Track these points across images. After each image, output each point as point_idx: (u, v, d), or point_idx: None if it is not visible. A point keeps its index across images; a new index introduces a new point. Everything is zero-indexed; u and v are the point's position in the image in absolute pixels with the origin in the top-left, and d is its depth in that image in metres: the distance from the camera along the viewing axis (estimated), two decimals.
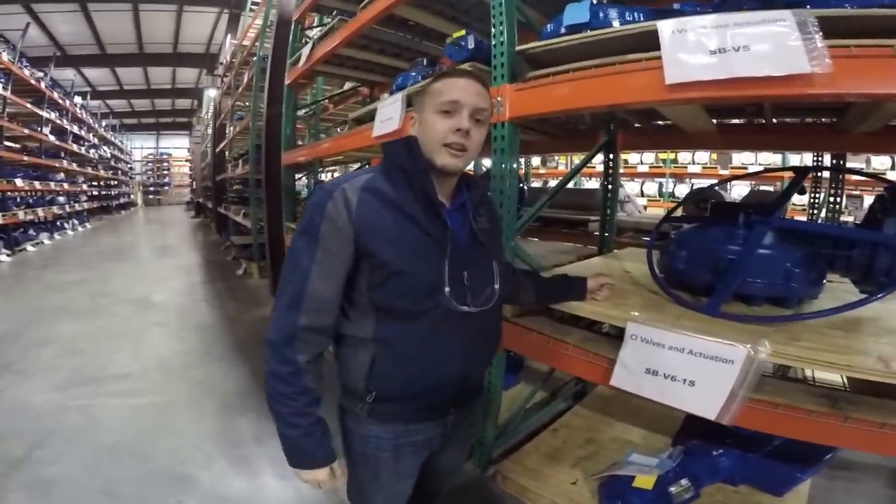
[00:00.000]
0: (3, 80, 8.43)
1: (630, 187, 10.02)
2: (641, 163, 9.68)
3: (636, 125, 2.36)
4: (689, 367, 1.14)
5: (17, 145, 10.03)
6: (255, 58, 6.83)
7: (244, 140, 8.88)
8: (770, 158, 7.41)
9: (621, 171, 9.36)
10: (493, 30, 1.66)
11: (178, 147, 28.03)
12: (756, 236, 1.38)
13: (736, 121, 2.14)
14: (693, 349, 1.14)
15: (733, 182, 7.24)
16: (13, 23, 11.48)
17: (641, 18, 1.37)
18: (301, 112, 5.34)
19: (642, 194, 9.77)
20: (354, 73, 3.94)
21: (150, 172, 27.86)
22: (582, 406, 2.46)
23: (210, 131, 13.55)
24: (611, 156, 2.50)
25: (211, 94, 14.85)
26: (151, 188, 27.49)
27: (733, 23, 1.05)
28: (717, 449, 1.63)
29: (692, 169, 8.95)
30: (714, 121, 2.05)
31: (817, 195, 3.18)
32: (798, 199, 5.13)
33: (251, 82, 6.95)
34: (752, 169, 7.18)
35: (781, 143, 2.34)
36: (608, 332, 1.58)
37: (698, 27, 1.08)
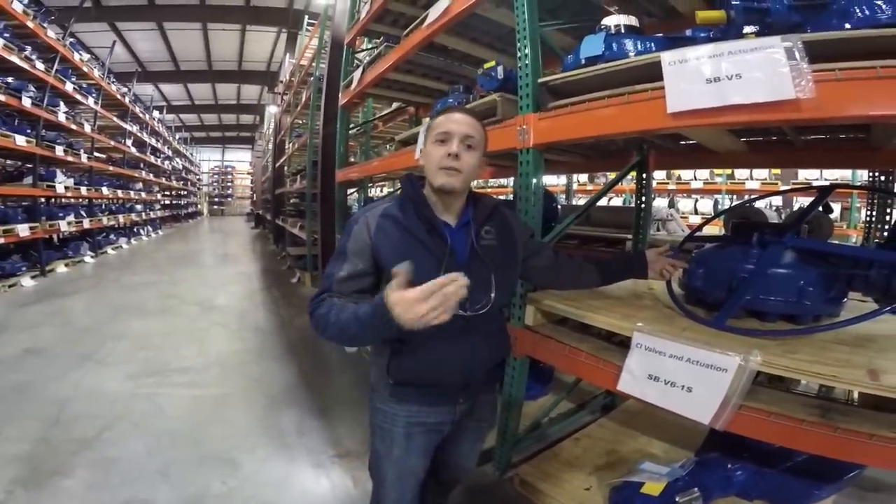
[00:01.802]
0: (94, 94, 9.36)
1: (684, 204, 9.75)
2: (695, 179, 9.38)
3: (666, 146, 2.41)
4: (687, 374, 1.22)
5: (104, 156, 11.03)
6: (312, 78, 7.29)
7: (302, 156, 9.42)
8: (839, 174, 7.06)
9: (674, 187, 9.19)
10: (518, 63, 1.80)
11: (241, 160, 29.95)
12: (767, 255, 1.43)
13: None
14: (691, 358, 1.21)
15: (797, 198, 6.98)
16: (101, 40, 12.87)
17: (653, 48, 1.46)
18: (353, 130, 5.66)
19: (696, 212, 9.46)
20: (401, 95, 4.20)
21: (215, 184, 29.81)
22: (608, 419, 2.50)
23: (271, 147, 14.41)
24: (643, 175, 2.57)
25: (272, 110, 15.82)
26: (216, 199, 29.40)
27: (727, 51, 1.13)
28: (733, 462, 1.65)
29: (750, 185, 8.59)
30: (743, 140, 2.08)
31: (872, 214, 3.07)
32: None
33: (309, 101, 7.42)
34: (816, 185, 6.91)
35: (812, 160, 2.32)
36: (623, 342, 1.65)
37: (695, 57, 1.17)
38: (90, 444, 2.44)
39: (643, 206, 2.55)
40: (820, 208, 1.67)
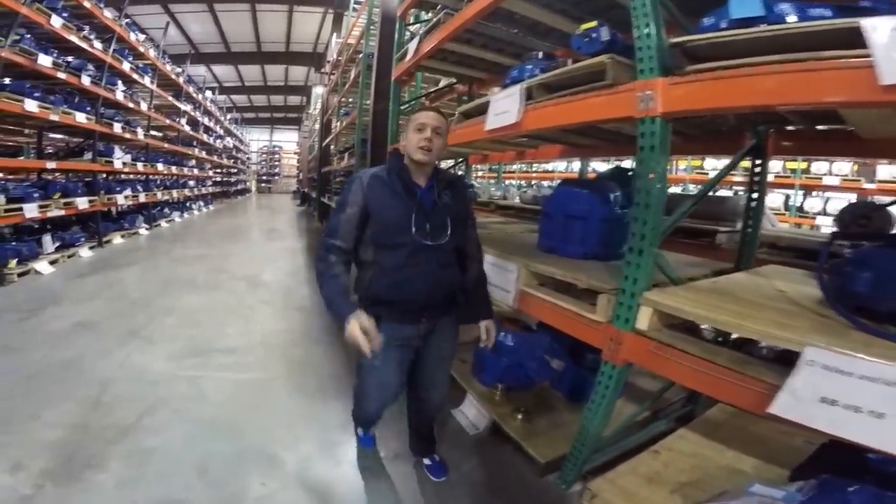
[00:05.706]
0: (150, 74, 9.56)
1: (810, 204, 8.89)
2: (830, 174, 8.50)
3: (790, 128, 2.06)
4: (881, 398, 0.99)
5: (160, 134, 11.36)
6: (360, 55, 7.11)
7: (349, 135, 9.29)
8: None
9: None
10: (636, 21, 1.56)
11: (288, 140, 30.56)
12: None
13: None
14: (889, 380, 0.97)
15: None
16: (155, 22, 13.16)
17: (829, 15, 1.19)
18: (402, 107, 5.48)
19: (825, 212, 8.62)
20: (457, 69, 3.95)
21: (263, 163, 30.56)
22: (689, 429, 2.22)
23: (317, 126, 14.47)
24: (758, 161, 2.23)
25: (318, 91, 15.85)
26: (264, 177, 30.15)
27: None
28: (852, 485, 1.37)
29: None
30: None
31: None
32: None
33: (357, 79, 7.25)
34: None
35: None
36: (756, 354, 1.38)
37: None
38: (128, 431, 2.31)
39: (755, 197, 2.20)
40: None
